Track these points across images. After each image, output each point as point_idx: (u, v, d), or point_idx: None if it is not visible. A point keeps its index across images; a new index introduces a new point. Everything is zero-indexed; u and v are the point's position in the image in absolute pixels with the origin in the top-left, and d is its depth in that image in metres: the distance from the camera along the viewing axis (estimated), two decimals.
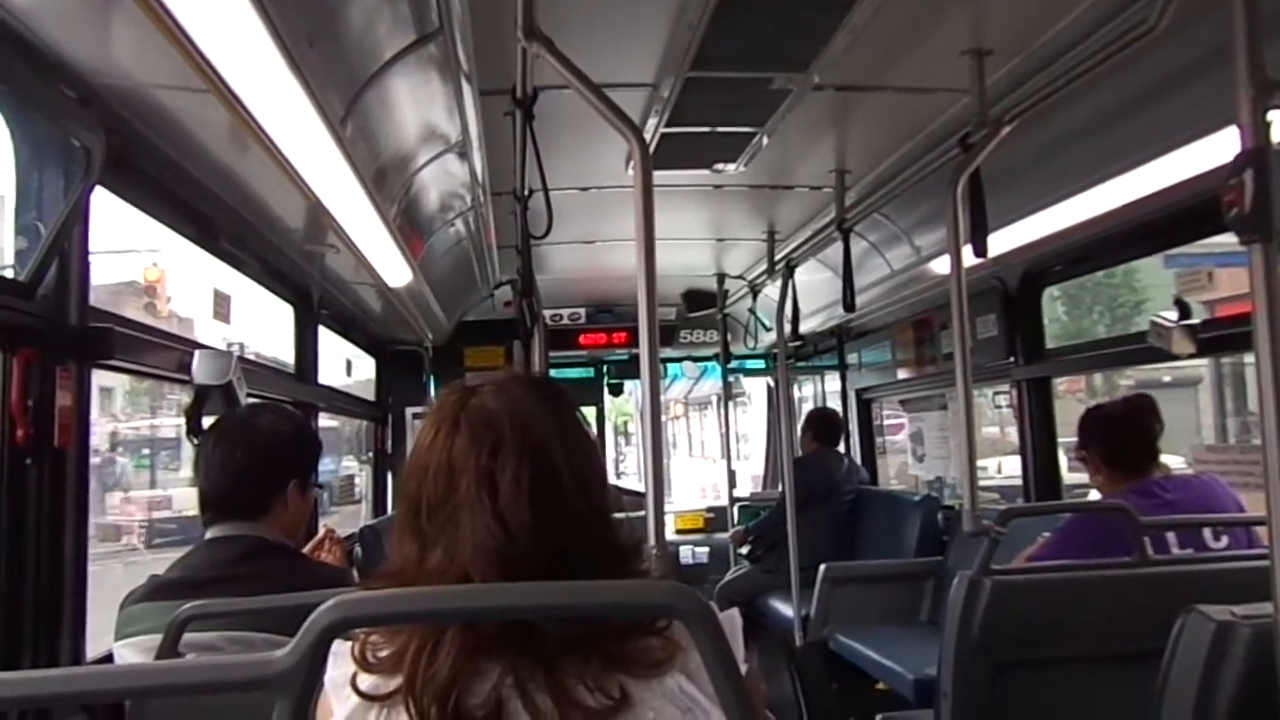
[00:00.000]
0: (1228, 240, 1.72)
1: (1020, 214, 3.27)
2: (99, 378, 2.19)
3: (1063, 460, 4.20)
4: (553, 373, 5.80)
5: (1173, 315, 3.01)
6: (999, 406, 8.00)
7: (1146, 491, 2.71)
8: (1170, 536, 2.58)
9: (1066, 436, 3.99)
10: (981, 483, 2.76)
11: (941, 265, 3.95)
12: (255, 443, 2.05)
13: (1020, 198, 3.24)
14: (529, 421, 1.12)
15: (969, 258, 2.79)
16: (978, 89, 2.71)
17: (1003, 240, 3.20)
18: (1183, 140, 2.53)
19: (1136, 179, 2.78)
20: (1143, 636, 1.72)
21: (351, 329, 5.06)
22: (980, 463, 2.81)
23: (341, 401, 4.95)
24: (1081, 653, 2.32)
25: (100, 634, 2.02)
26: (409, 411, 5.80)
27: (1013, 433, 7.00)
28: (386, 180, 2.92)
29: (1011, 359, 4.12)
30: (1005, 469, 8.87)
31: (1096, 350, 4.16)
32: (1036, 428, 4.08)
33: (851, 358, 6.37)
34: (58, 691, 0.87)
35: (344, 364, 5.98)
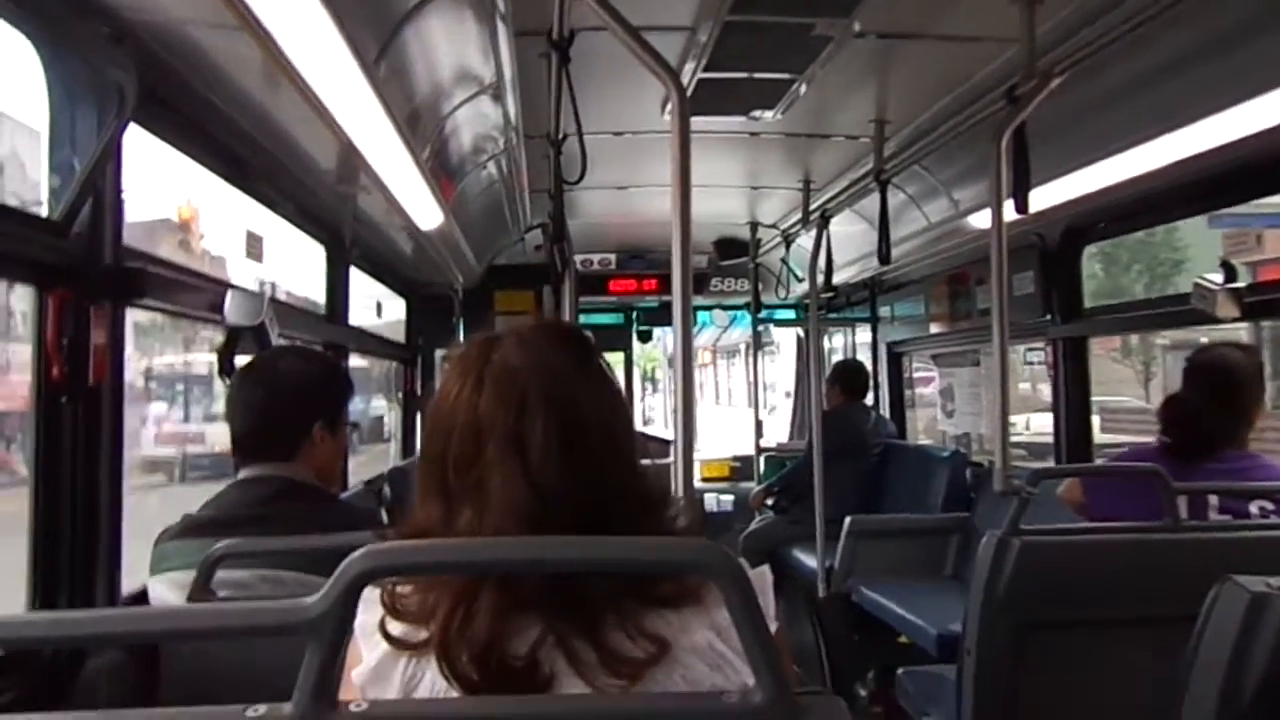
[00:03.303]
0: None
1: (1065, 169, 3.19)
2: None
3: (1095, 421, 4.15)
4: (582, 318, 5.79)
5: (1218, 278, 2.95)
6: (1030, 363, 7.93)
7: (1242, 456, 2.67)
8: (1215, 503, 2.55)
9: (1099, 395, 3.95)
10: (1011, 439, 2.73)
11: (980, 220, 3.89)
12: (276, 385, 2.06)
13: (1066, 152, 3.16)
14: (554, 377, 1.10)
15: (1010, 213, 2.73)
16: (1027, 39, 2.62)
17: (1045, 196, 3.14)
18: (1240, 97, 2.44)
19: (1189, 136, 2.69)
20: (1174, 602, 1.70)
21: (382, 271, 5.06)
22: (1009, 419, 2.77)
23: (371, 343, 4.98)
24: (1110, 616, 2.31)
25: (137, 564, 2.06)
26: (438, 354, 5.82)
27: (1044, 389, 6.93)
28: (419, 122, 2.89)
29: (1048, 317, 4.06)
30: (1034, 425, 8.82)
31: (1136, 311, 4.09)
32: (1071, 387, 4.03)
33: (883, 310, 6.32)
34: (95, 632, 0.89)
35: (374, 305, 6.01)
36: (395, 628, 1.03)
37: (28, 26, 1.85)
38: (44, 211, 1.93)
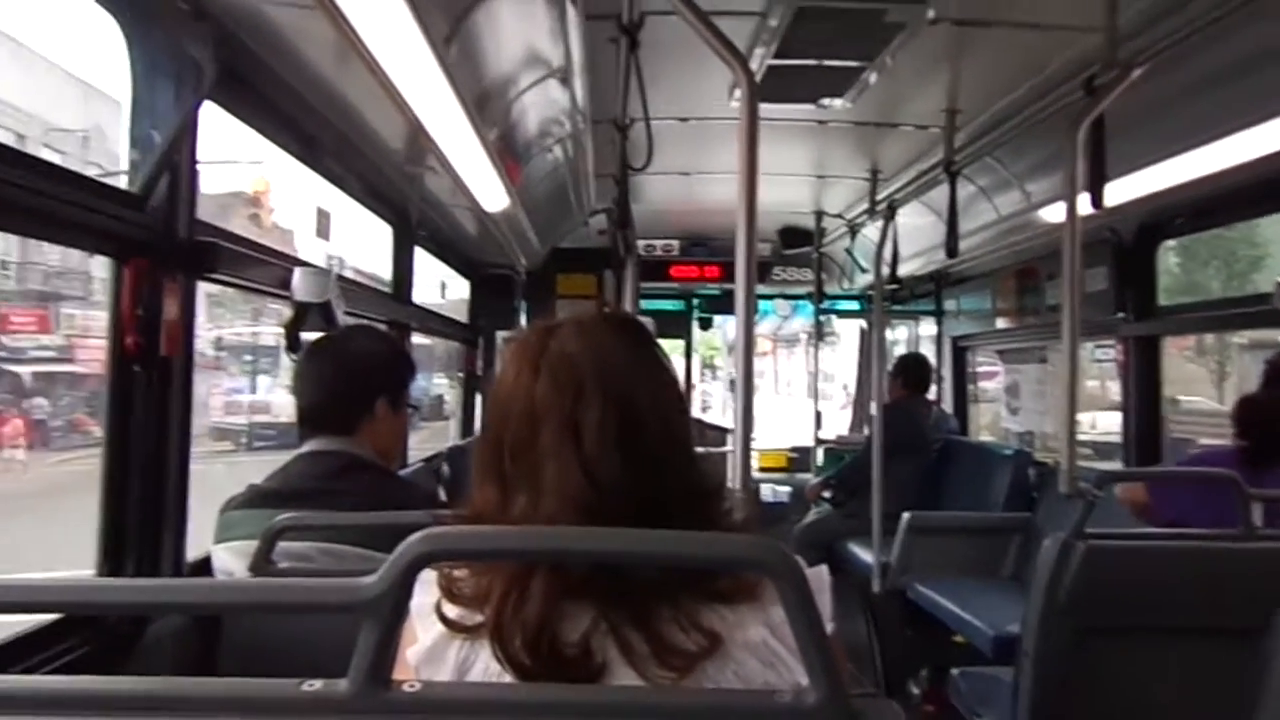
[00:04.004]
0: None
1: (1143, 163, 3.10)
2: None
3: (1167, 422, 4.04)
4: (643, 304, 5.78)
5: None
6: (1099, 361, 7.74)
7: None
8: None
9: (1170, 394, 3.85)
10: (1078, 437, 2.67)
11: (1053, 214, 3.80)
12: (343, 361, 2.13)
13: (1144, 145, 3.07)
14: (611, 365, 1.10)
15: (1084, 207, 2.66)
16: (1108, 28, 2.54)
17: (1121, 190, 3.05)
18: None
19: (1276, 129, 2.60)
20: (1245, 613, 1.65)
21: (446, 251, 5.11)
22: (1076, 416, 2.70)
23: (435, 322, 5.03)
24: (1176, 625, 2.25)
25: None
26: (500, 335, 5.86)
27: (1112, 388, 6.75)
28: (487, 104, 2.90)
29: (1120, 314, 3.95)
30: (1100, 424, 8.61)
31: (1213, 310, 3.96)
32: (1142, 387, 3.93)
33: (949, 304, 6.21)
34: (161, 601, 0.91)
35: (438, 285, 6.08)
36: (451, 610, 1.04)
37: (112, 4, 1.89)
38: (123, 183, 1.97)
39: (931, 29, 2.81)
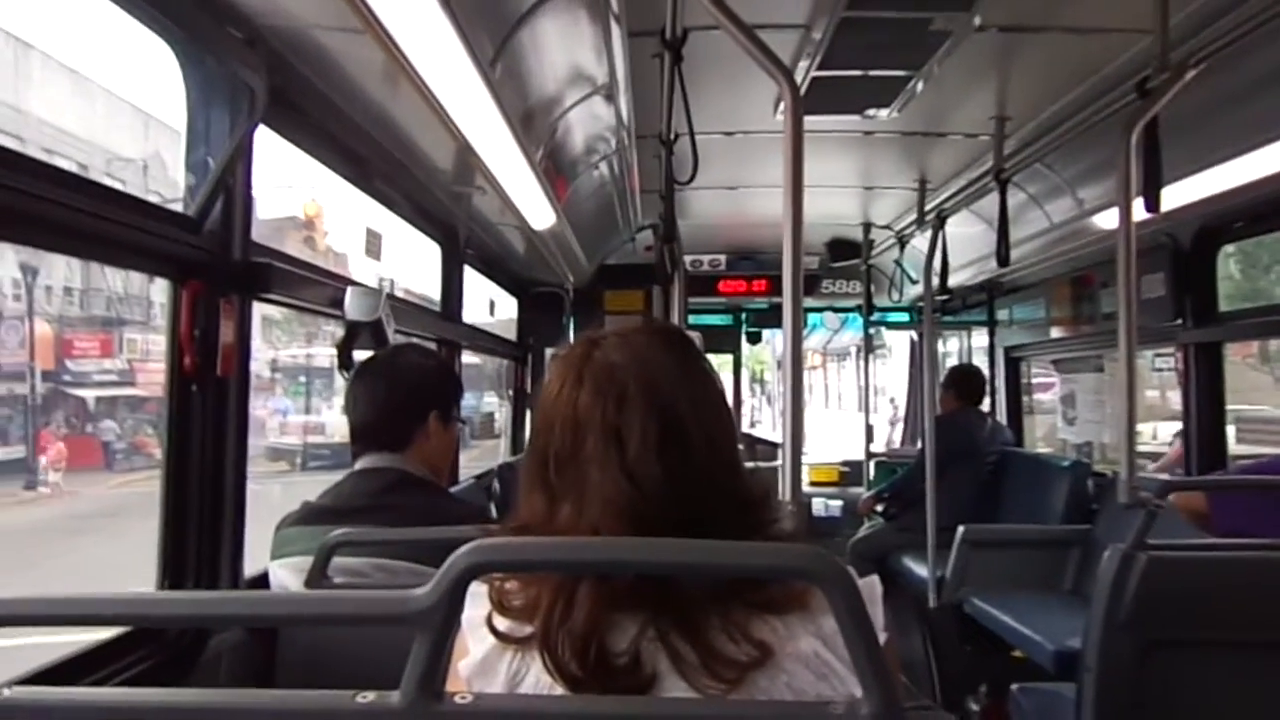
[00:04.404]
0: None
1: (1200, 166, 3.03)
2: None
3: (1230, 431, 3.93)
4: (691, 319, 5.79)
5: None
6: (1159, 370, 7.58)
7: None
8: None
9: (1234, 404, 3.74)
10: (1138, 448, 2.60)
11: (1107, 219, 3.73)
12: (394, 377, 2.16)
13: (1200, 148, 3.00)
14: (654, 374, 1.11)
15: (1139, 212, 2.61)
16: (1160, 29, 2.49)
17: (1178, 194, 2.98)
18: None
19: None
20: None
21: (495, 269, 5.15)
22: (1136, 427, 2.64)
23: (483, 340, 5.07)
24: (1243, 638, 2.18)
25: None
26: (548, 352, 5.90)
27: (1173, 397, 6.62)
28: (533, 122, 2.93)
29: (1179, 321, 3.86)
30: (1161, 434, 8.43)
31: (1275, 316, 3.86)
32: (1203, 395, 3.83)
33: (1001, 314, 6.13)
34: (219, 613, 0.93)
35: (487, 303, 6.13)
36: (501, 623, 1.05)
37: (168, 33, 1.94)
38: (180, 207, 2.02)
39: (978, 36, 2.79)
